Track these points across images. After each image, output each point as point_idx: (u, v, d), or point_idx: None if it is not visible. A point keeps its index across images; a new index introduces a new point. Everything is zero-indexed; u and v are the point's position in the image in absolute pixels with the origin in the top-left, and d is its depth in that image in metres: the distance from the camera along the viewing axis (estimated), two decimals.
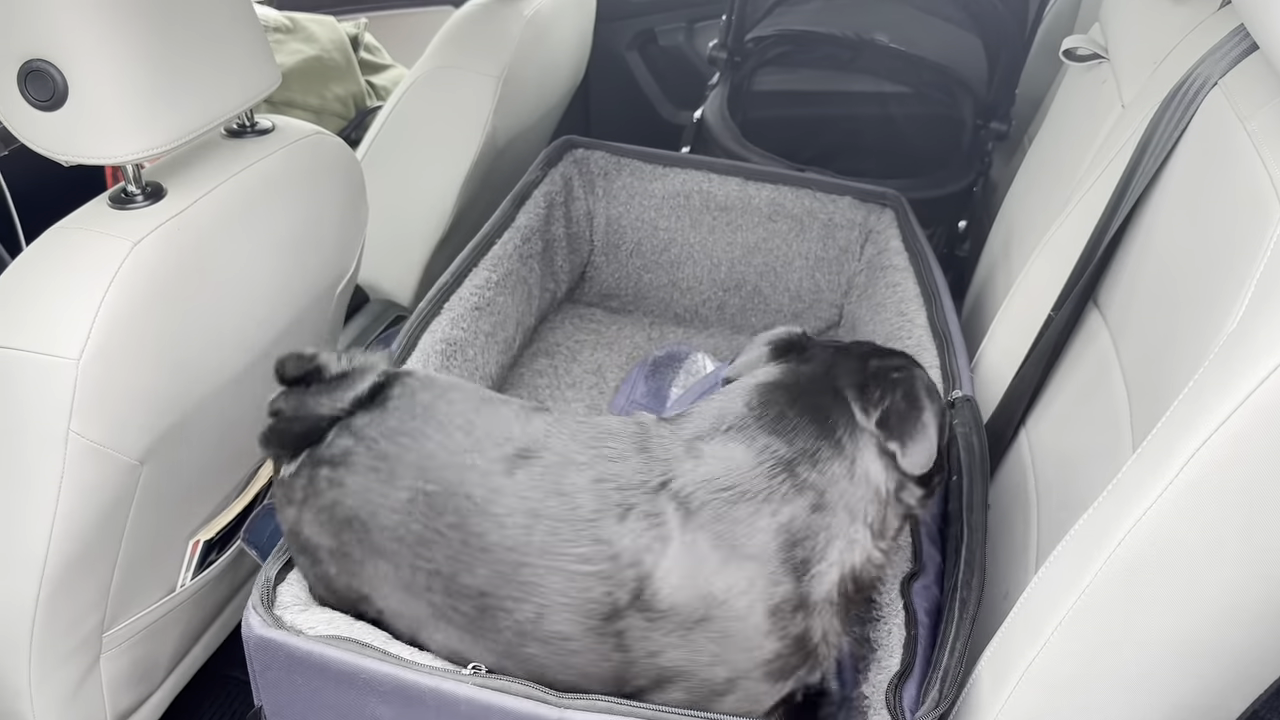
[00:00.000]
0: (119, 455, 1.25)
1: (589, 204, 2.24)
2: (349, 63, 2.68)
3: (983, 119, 2.63)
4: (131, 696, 1.52)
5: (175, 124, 1.26)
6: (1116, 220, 1.40)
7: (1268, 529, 0.90)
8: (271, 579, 1.21)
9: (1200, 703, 1.02)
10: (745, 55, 2.77)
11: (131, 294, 1.21)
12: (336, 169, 1.58)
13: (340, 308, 1.75)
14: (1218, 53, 1.31)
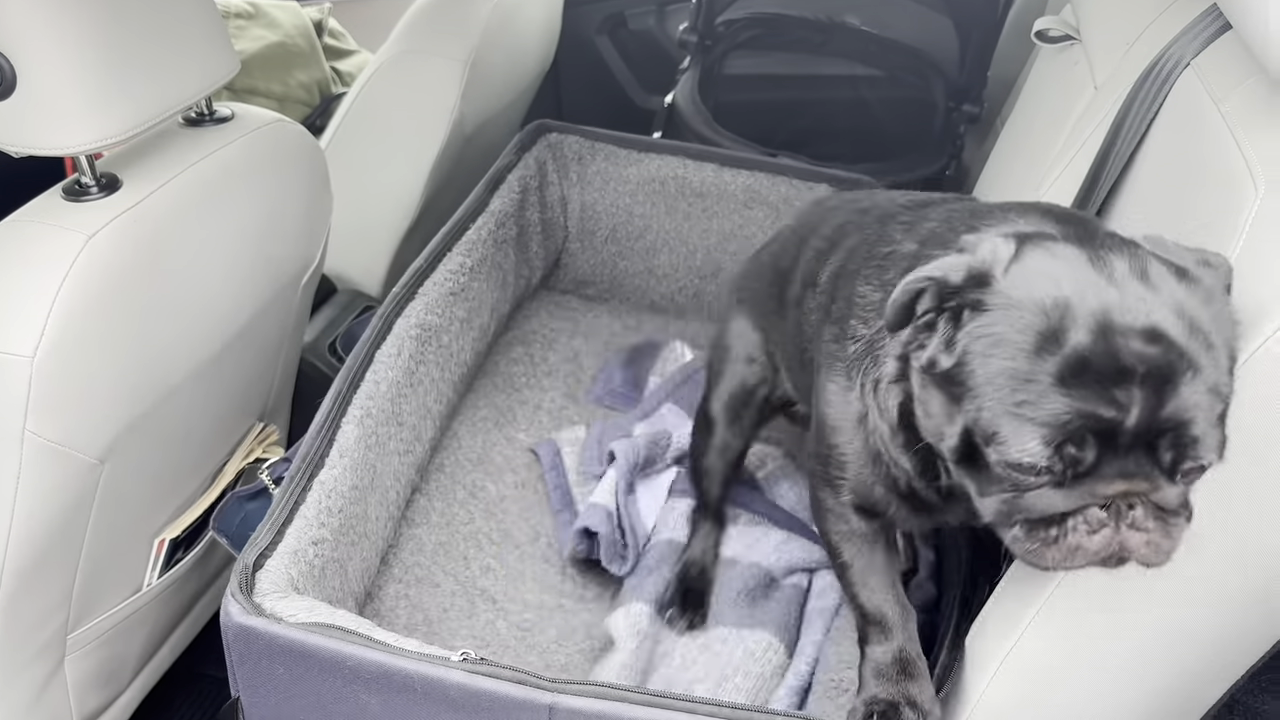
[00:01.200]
0: (78, 454, 1.22)
1: (563, 189, 2.22)
2: (313, 49, 2.64)
3: (955, 102, 2.62)
4: (98, 698, 1.49)
5: (130, 113, 1.23)
6: (1092, 204, 1.39)
7: (1245, 515, 0.90)
8: (250, 566, 1.18)
9: (1178, 689, 1.02)
10: (716, 39, 2.75)
11: (87, 288, 1.18)
12: (298, 157, 1.55)
13: (306, 299, 1.72)
14: (1190, 33, 1.30)
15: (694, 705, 1.03)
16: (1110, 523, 0.83)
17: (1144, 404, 0.79)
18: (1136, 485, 0.82)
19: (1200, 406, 0.80)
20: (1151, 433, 0.80)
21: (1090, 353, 0.80)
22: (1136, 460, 0.81)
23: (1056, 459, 0.81)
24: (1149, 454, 0.81)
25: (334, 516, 1.33)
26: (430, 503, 1.69)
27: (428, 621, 1.50)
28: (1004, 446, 0.82)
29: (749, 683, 1.34)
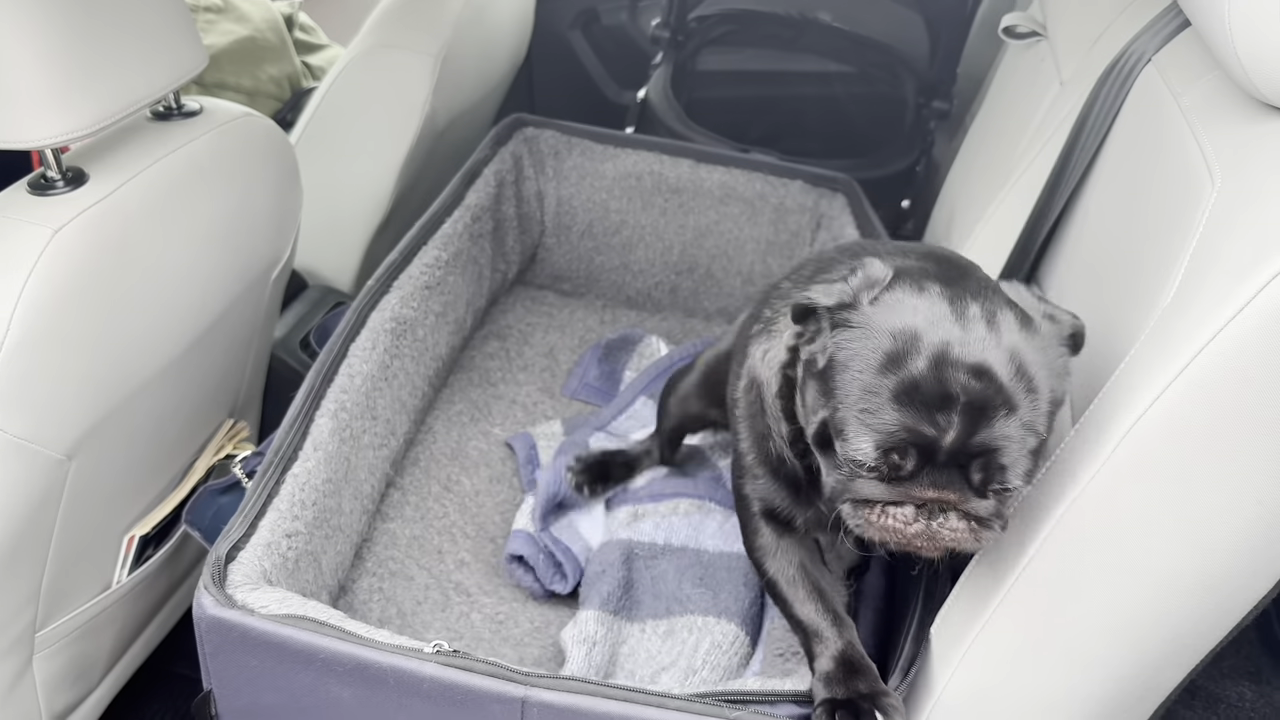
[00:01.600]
0: (45, 450, 1.21)
1: (539, 184, 2.22)
2: (283, 43, 2.62)
3: (925, 98, 2.64)
4: (68, 696, 1.48)
5: (96, 107, 1.22)
6: (1057, 199, 1.41)
7: (1203, 502, 0.92)
8: (222, 558, 1.18)
9: (1140, 673, 1.04)
10: (688, 34, 2.76)
11: (54, 283, 1.17)
12: (267, 151, 1.55)
13: (276, 294, 1.71)
14: (1152, 29, 1.32)
15: (664, 700, 1.04)
16: (922, 519, 0.98)
17: (960, 429, 0.93)
18: (945, 495, 0.96)
19: (1011, 439, 0.94)
20: (964, 455, 0.94)
21: (923, 378, 0.94)
22: (949, 475, 0.96)
23: (883, 461, 0.96)
24: (961, 472, 0.95)
25: (307, 509, 1.33)
26: (405, 496, 1.69)
27: (401, 614, 1.50)
28: (847, 443, 0.97)
29: (715, 675, 1.34)
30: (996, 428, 0.94)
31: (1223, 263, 0.90)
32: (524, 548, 1.57)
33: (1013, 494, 0.97)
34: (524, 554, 1.56)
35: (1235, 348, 0.86)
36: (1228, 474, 0.90)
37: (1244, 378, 0.86)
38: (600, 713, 1.04)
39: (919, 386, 0.94)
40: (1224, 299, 0.87)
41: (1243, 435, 0.88)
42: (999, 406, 0.93)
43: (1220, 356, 0.87)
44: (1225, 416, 0.88)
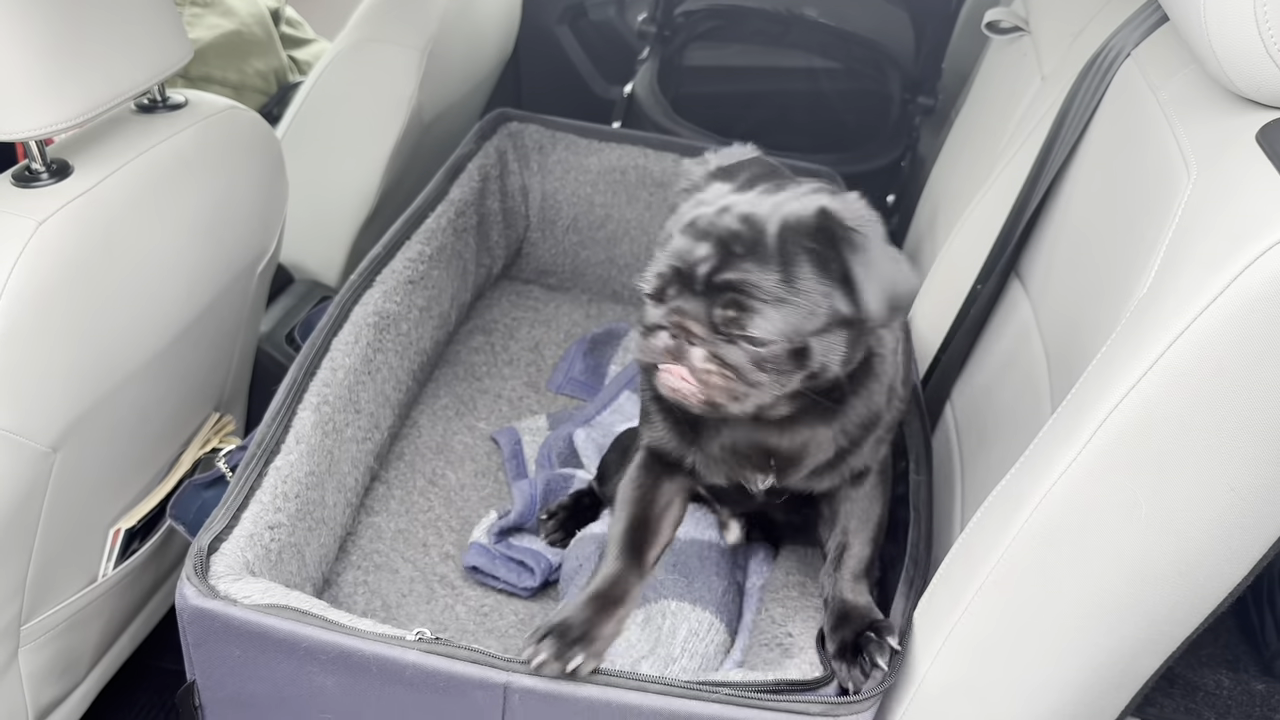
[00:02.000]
0: (29, 442, 1.21)
1: (524, 178, 2.22)
2: (269, 37, 2.61)
3: (910, 93, 2.66)
4: (54, 690, 1.48)
5: (81, 98, 1.22)
6: (1037, 192, 1.42)
7: (1177, 489, 0.93)
8: (205, 549, 1.18)
9: (1117, 660, 1.05)
10: (675, 30, 2.77)
11: (38, 274, 1.17)
12: (253, 144, 1.55)
13: (262, 288, 1.71)
14: (1132, 24, 1.33)
15: (644, 684, 1.05)
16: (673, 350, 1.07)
17: (713, 261, 1.04)
18: (687, 321, 1.05)
19: (759, 286, 1.02)
20: (715, 288, 1.04)
21: (699, 218, 1.07)
22: (698, 306, 1.05)
23: (655, 287, 1.08)
24: (708, 305, 1.04)
25: (290, 502, 1.33)
26: (390, 490, 1.69)
27: (386, 607, 1.50)
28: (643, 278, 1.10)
29: (694, 663, 1.35)
30: (746, 268, 1.03)
31: (1197, 254, 0.91)
32: (478, 559, 1.57)
33: (762, 346, 1.03)
34: (478, 565, 1.57)
35: (1208, 338, 0.87)
36: (1202, 462, 0.92)
37: (1217, 367, 0.88)
38: (581, 697, 1.05)
39: (695, 224, 1.07)
40: (1197, 290, 0.88)
41: (1216, 424, 0.89)
42: (752, 252, 1.03)
43: (1194, 346, 0.88)
44: (1199, 406, 0.89)
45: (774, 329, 1.03)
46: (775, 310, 1.03)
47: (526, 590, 1.55)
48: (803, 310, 1.04)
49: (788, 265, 1.03)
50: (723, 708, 1.05)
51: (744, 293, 1.03)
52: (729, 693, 1.06)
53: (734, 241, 1.04)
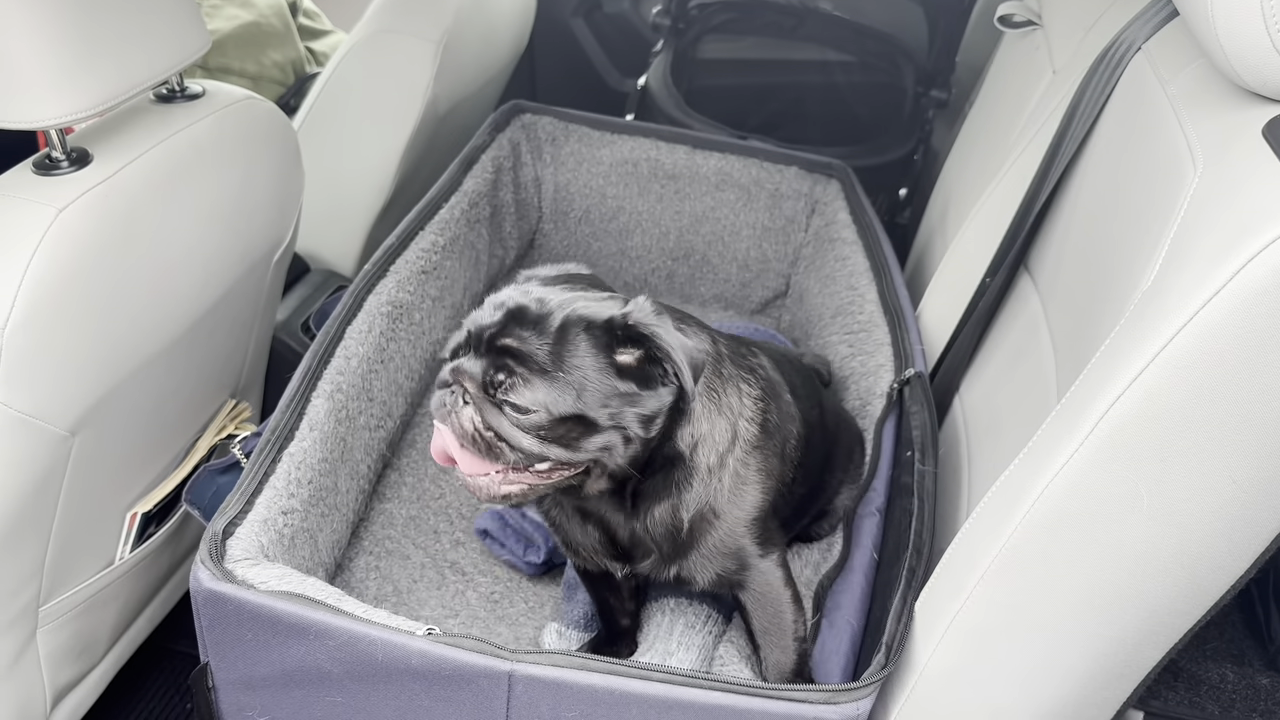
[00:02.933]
0: (49, 426, 1.23)
1: (537, 170, 2.23)
2: (287, 28, 2.63)
3: (923, 87, 2.65)
4: (72, 671, 1.51)
5: (100, 88, 1.24)
6: (1046, 186, 1.42)
7: (1179, 480, 0.94)
8: (219, 533, 1.20)
9: (1118, 650, 1.06)
10: (689, 22, 2.77)
11: (58, 261, 1.19)
12: (269, 134, 1.56)
13: (278, 277, 1.73)
14: (1143, 17, 1.33)
15: (647, 672, 1.06)
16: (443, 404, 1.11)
17: (497, 325, 1.10)
18: (463, 379, 1.10)
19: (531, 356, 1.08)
20: (492, 346, 1.10)
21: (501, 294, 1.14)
22: (471, 363, 1.11)
23: (452, 350, 1.14)
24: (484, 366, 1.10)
25: (304, 488, 1.35)
26: (402, 477, 1.71)
27: (397, 592, 1.52)
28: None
29: (691, 654, 1.37)
30: (525, 335, 1.09)
31: (1201, 247, 0.92)
32: (489, 523, 1.59)
33: (522, 414, 1.08)
34: (489, 529, 1.58)
35: (1212, 330, 0.88)
36: (1204, 454, 0.92)
37: (1219, 360, 0.88)
38: (584, 685, 1.06)
39: (495, 298, 1.14)
40: (1201, 282, 0.88)
41: (1218, 415, 0.90)
42: (533, 322, 1.09)
43: (1197, 339, 0.88)
44: (1201, 398, 0.90)
45: (535, 398, 1.07)
46: (540, 380, 1.08)
47: (530, 566, 1.57)
48: (567, 385, 1.08)
49: (562, 341, 1.09)
50: (725, 696, 1.05)
51: (514, 357, 1.08)
52: (731, 681, 1.07)
53: (520, 314, 1.10)
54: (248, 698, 1.18)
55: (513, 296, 1.13)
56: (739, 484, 1.22)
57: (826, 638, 1.33)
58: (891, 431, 1.54)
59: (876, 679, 1.08)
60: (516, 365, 1.08)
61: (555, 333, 1.09)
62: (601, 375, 1.09)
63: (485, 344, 1.10)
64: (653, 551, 1.24)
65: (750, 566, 1.26)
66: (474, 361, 1.11)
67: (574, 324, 1.10)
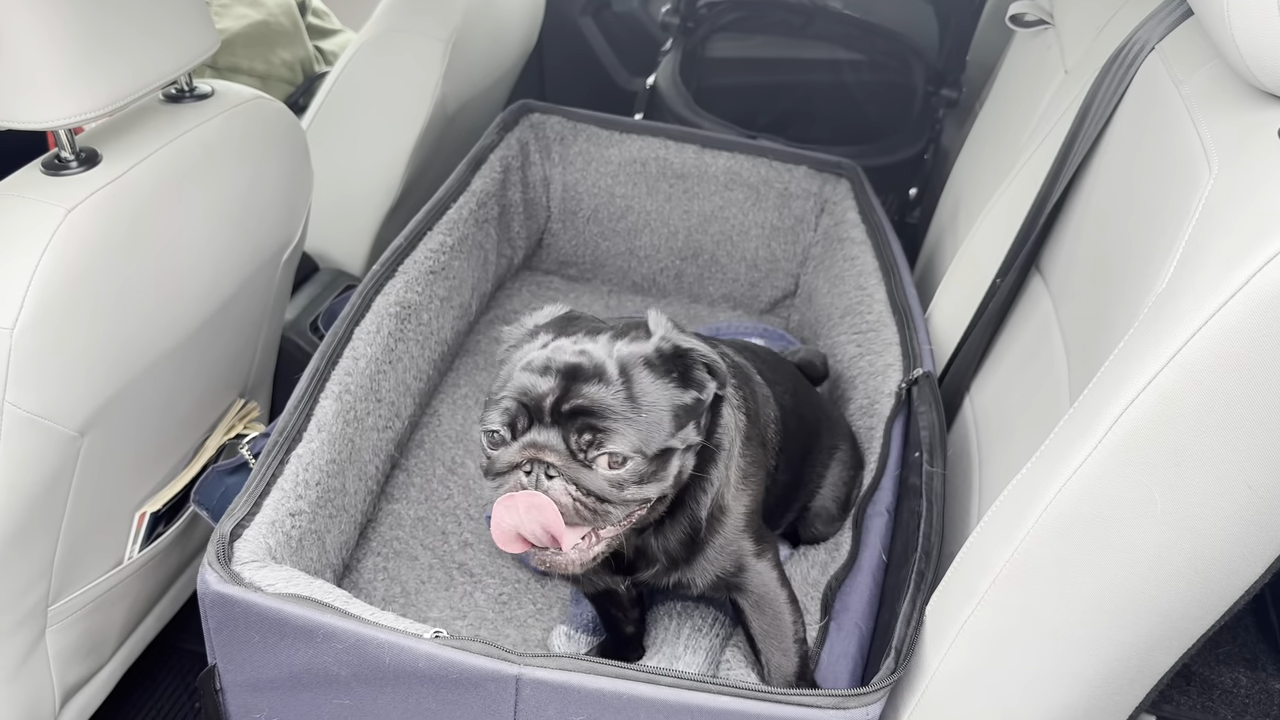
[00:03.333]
0: (58, 426, 1.23)
1: (545, 169, 2.23)
2: (296, 27, 2.63)
3: (934, 86, 2.64)
4: (80, 670, 1.51)
5: (109, 88, 1.24)
6: (1058, 186, 1.41)
7: (1193, 485, 0.93)
8: (227, 535, 1.20)
9: (1131, 655, 1.05)
10: (698, 21, 2.76)
11: (67, 261, 1.19)
12: (278, 134, 1.56)
13: (287, 276, 1.73)
14: (1156, 17, 1.32)
15: (654, 676, 1.06)
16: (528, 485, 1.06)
17: (558, 388, 1.06)
18: (543, 454, 1.06)
19: (610, 405, 1.05)
20: (565, 416, 1.06)
21: (535, 358, 1.09)
22: (552, 436, 1.06)
23: (504, 426, 1.08)
24: (563, 433, 1.06)
25: (311, 489, 1.35)
26: (410, 478, 1.71)
27: (405, 594, 1.52)
28: (483, 421, 1.10)
29: (699, 657, 1.36)
30: (593, 389, 1.06)
31: (1216, 249, 0.91)
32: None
33: (623, 465, 1.06)
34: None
35: (1227, 334, 0.87)
36: (1218, 458, 0.91)
37: (1235, 364, 0.87)
38: (592, 689, 1.05)
39: (532, 363, 1.09)
40: (1216, 285, 0.87)
41: (1233, 420, 0.89)
42: (594, 375, 1.07)
43: (1212, 342, 0.87)
44: (1216, 402, 0.89)
45: (629, 444, 1.06)
46: (627, 426, 1.06)
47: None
48: (650, 422, 1.07)
49: (629, 383, 1.08)
50: (734, 700, 1.05)
51: (595, 414, 1.05)
52: (740, 685, 1.07)
53: (577, 372, 1.07)
54: (255, 700, 1.18)
55: (552, 357, 1.09)
56: (741, 477, 1.24)
57: (835, 640, 1.32)
58: (900, 431, 1.54)
59: (886, 684, 1.08)
60: (599, 420, 1.05)
61: (621, 378, 1.07)
62: (672, 401, 1.09)
63: (552, 411, 1.06)
64: (657, 561, 1.23)
65: (747, 567, 1.26)
66: (548, 432, 1.06)
67: (631, 363, 1.09)
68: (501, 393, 1.09)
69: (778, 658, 1.27)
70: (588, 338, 1.11)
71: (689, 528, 1.21)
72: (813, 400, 1.59)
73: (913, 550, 1.26)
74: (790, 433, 1.38)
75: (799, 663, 1.27)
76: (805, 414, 1.48)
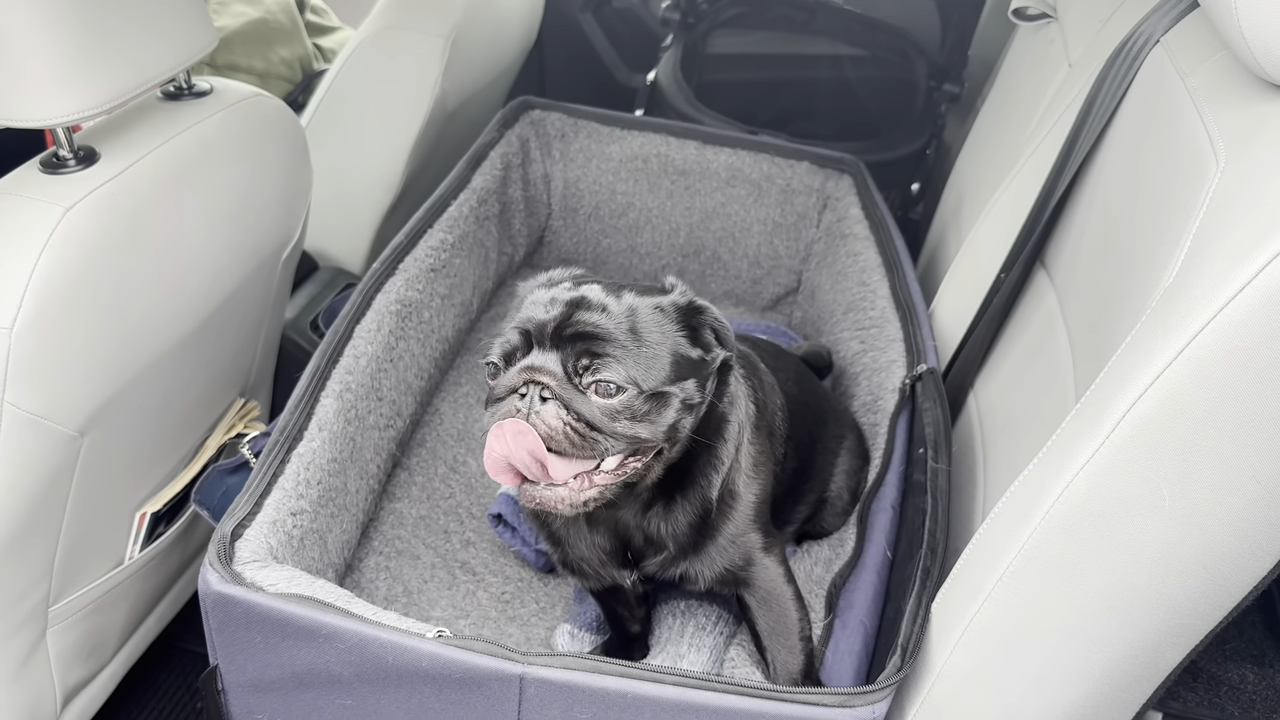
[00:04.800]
0: (57, 426, 1.23)
1: (546, 166, 2.22)
2: (295, 25, 2.62)
3: (936, 81, 2.63)
4: (81, 671, 1.50)
5: (107, 86, 1.23)
6: (1063, 181, 1.40)
7: (1202, 481, 0.92)
8: (228, 535, 1.19)
9: (1139, 652, 1.04)
10: (699, 17, 2.75)
11: (66, 260, 1.18)
12: (277, 131, 1.55)
13: (287, 274, 1.72)
14: (1161, 10, 1.31)
15: (659, 675, 1.05)
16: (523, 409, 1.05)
17: (560, 314, 1.07)
18: (537, 375, 1.05)
19: (611, 334, 1.05)
20: (562, 338, 1.06)
21: (540, 295, 1.10)
22: (549, 358, 1.06)
23: (503, 357, 1.09)
24: (560, 356, 1.06)
25: (313, 488, 1.34)
26: (411, 477, 1.70)
27: (408, 593, 1.51)
28: (485, 355, 1.11)
29: (703, 655, 1.35)
30: (595, 316, 1.06)
31: (1225, 242, 0.90)
32: (503, 507, 1.58)
33: (616, 394, 1.05)
34: (503, 512, 1.57)
35: (1236, 328, 0.86)
36: (1227, 454, 0.90)
37: (1244, 358, 0.86)
38: (597, 688, 1.05)
39: (538, 299, 1.10)
40: (1225, 279, 0.87)
41: (1242, 415, 0.88)
42: (598, 307, 1.07)
43: (1221, 336, 0.87)
44: (1225, 396, 0.88)
45: (626, 374, 1.05)
46: (627, 355, 1.06)
47: (541, 557, 1.56)
48: (652, 357, 1.07)
49: (634, 319, 1.08)
50: (739, 699, 1.04)
51: (595, 338, 1.05)
52: (745, 684, 1.06)
53: (582, 302, 1.08)
54: (257, 700, 1.17)
55: (557, 294, 1.09)
56: (752, 465, 1.23)
57: (840, 637, 1.31)
58: (904, 427, 1.53)
59: (892, 682, 1.07)
60: (598, 346, 1.05)
61: (626, 313, 1.08)
62: (676, 346, 1.09)
63: (553, 335, 1.06)
64: (665, 549, 1.22)
65: (755, 561, 1.25)
66: (546, 355, 1.06)
67: (639, 305, 1.09)
68: (503, 331, 1.10)
69: (783, 655, 1.27)
70: (599, 284, 1.13)
71: (699, 509, 1.20)
72: (817, 390, 1.59)
73: (918, 547, 1.25)
74: (796, 419, 1.38)
75: (804, 660, 1.26)
76: (810, 402, 1.47)
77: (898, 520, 1.44)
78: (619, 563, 1.25)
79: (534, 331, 1.07)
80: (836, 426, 1.56)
